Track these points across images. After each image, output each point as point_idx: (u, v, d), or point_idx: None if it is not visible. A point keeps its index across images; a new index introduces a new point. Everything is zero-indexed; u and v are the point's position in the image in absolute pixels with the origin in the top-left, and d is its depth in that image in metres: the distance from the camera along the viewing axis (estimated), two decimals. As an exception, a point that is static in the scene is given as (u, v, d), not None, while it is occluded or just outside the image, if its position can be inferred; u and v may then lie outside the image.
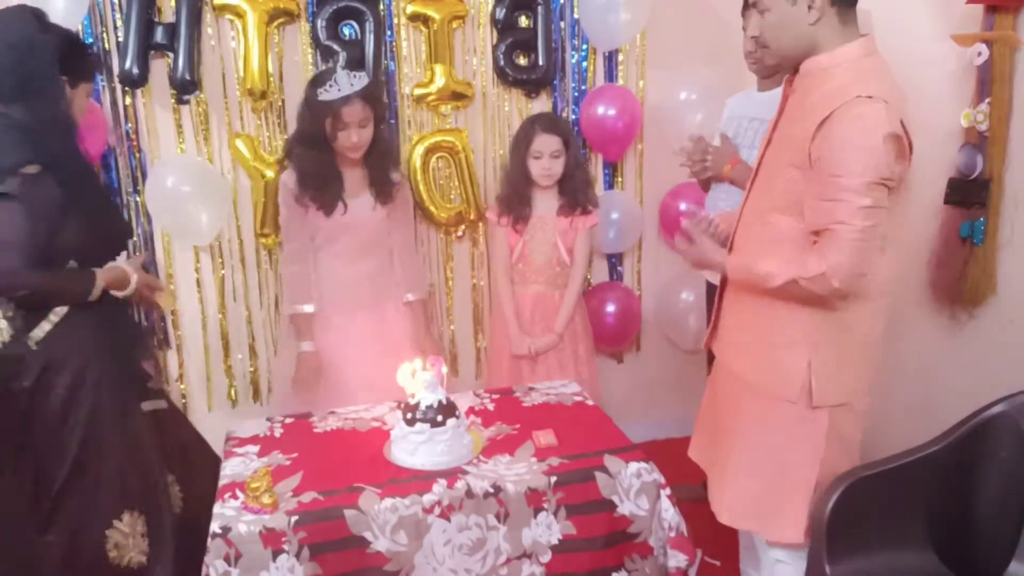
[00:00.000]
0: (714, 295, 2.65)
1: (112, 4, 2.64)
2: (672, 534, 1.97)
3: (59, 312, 1.87)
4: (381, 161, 2.42)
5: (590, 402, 2.38)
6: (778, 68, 1.80)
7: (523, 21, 2.98)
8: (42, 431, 1.88)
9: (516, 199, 2.72)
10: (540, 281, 2.77)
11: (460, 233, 3.11)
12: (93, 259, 1.93)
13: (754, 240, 1.82)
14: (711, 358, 2.12)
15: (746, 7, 2.42)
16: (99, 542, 1.95)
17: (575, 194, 2.70)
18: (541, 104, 3.07)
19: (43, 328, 1.86)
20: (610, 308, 3.18)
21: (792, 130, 1.71)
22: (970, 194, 2.12)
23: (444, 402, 2.01)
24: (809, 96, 1.68)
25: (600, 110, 2.96)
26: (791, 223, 1.71)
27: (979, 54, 2.04)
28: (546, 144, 2.64)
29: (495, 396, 2.44)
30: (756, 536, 1.99)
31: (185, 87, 2.71)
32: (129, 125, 2.76)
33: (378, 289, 2.57)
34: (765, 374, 1.79)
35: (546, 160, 2.65)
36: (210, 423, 2.29)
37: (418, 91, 2.92)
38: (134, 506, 1.97)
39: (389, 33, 2.86)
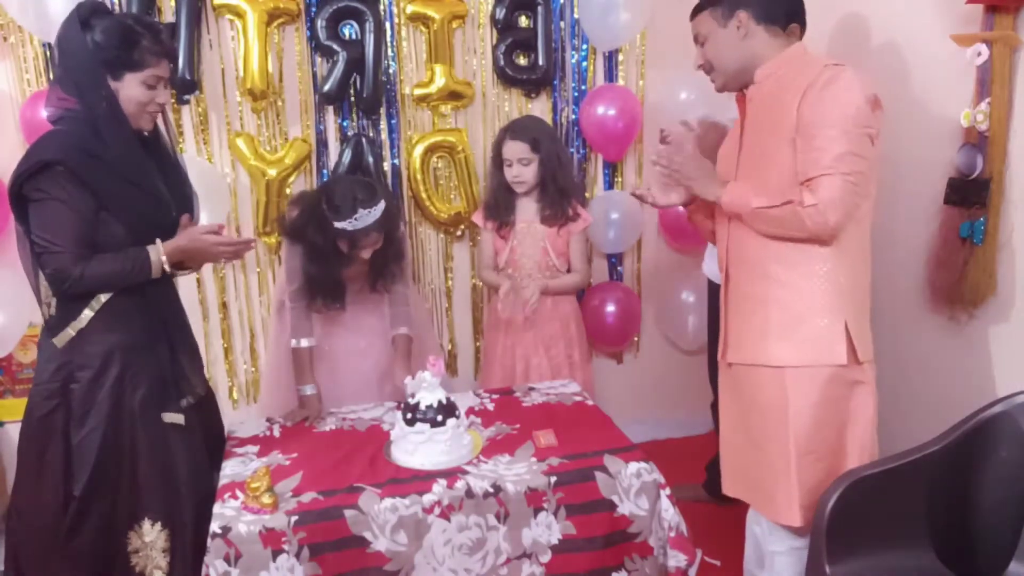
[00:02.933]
0: (715, 296, 2.65)
1: (111, 4, 2.63)
2: (672, 534, 1.97)
3: (94, 307, 1.86)
4: (384, 256, 2.39)
5: (590, 402, 2.38)
6: (724, 87, 1.96)
7: (523, 21, 2.98)
8: (66, 429, 1.89)
9: (498, 206, 2.71)
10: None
11: (460, 233, 3.12)
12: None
13: (753, 233, 1.84)
14: (713, 372, 2.11)
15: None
16: (123, 548, 1.94)
17: (553, 204, 2.66)
18: (541, 104, 3.07)
19: (77, 325, 1.87)
20: (610, 308, 3.18)
21: (770, 119, 1.81)
22: (970, 194, 2.11)
23: (444, 402, 2.01)
24: (772, 92, 1.82)
25: (600, 110, 2.96)
26: None
27: (979, 54, 2.04)
28: (513, 151, 2.62)
29: (495, 396, 2.44)
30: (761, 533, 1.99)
31: (185, 87, 2.72)
32: (129, 125, 2.76)
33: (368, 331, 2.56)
34: (810, 348, 1.80)
35: (515, 167, 2.63)
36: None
37: (418, 91, 2.92)
38: (156, 517, 1.94)
39: (389, 33, 2.86)
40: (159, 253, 1.87)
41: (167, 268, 1.89)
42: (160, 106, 1.91)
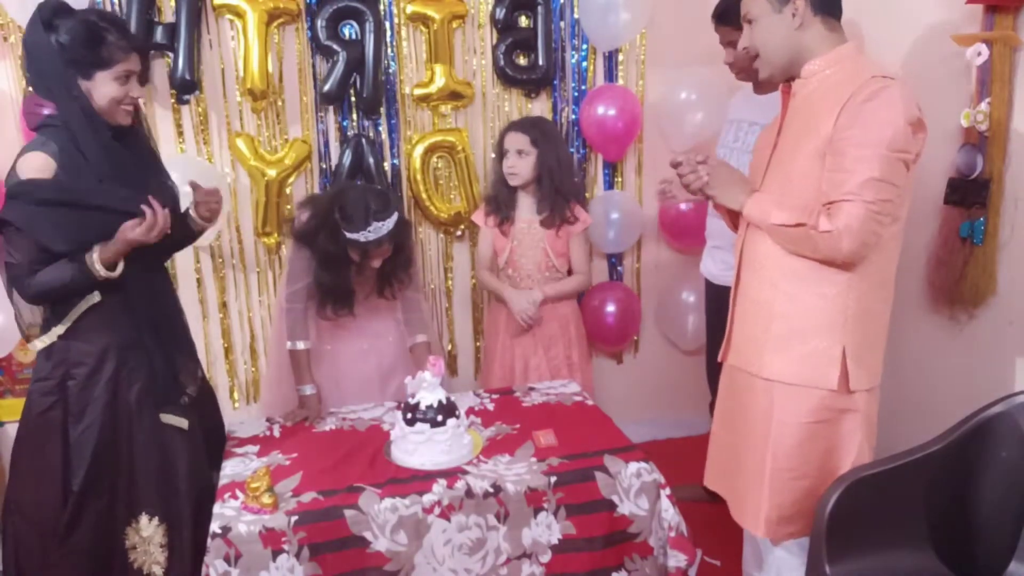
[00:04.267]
0: (714, 297, 2.65)
1: (112, 4, 2.64)
2: (672, 534, 1.97)
3: (81, 308, 1.87)
4: (393, 263, 2.38)
5: (590, 402, 2.38)
6: (770, 78, 1.84)
7: (523, 21, 2.98)
8: (64, 425, 1.90)
9: (498, 200, 2.71)
10: (531, 287, 2.75)
11: (460, 233, 3.12)
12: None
13: (767, 241, 1.81)
14: (712, 373, 2.10)
15: (721, 23, 2.44)
16: (121, 544, 1.94)
17: (551, 205, 2.66)
18: (541, 104, 3.07)
19: (57, 331, 1.89)
20: (610, 308, 3.18)
21: (807, 124, 1.72)
22: (970, 194, 2.12)
23: (444, 402, 2.01)
24: (815, 93, 1.72)
25: (600, 110, 2.96)
26: None
27: (979, 54, 2.04)
28: (512, 141, 2.62)
29: (495, 396, 2.44)
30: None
31: (185, 87, 2.72)
32: (129, 125, 2.76)
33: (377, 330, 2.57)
34: (802, 367, 1.76)
35: (511, 157, 2.63)
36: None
37: (418, 91, 2.92)
38: (153, 513, 1.95)
39: (389, 33, 2.86)
40: (93, 259, 1.82)
41: (102, 272, 1.82)
42: (135, 100, 1.90)
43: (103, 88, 1.83)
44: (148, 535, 1.95)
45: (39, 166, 1.79)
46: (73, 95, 1.80)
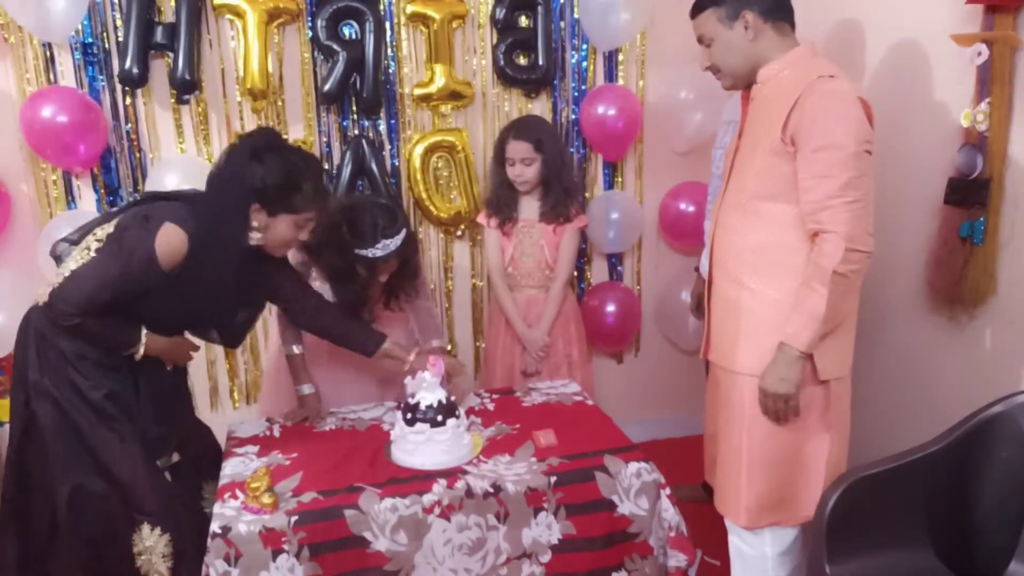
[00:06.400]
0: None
1: (112, 4, 2.64)
2: (672, 534, 1.97)
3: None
4: (400, 276, 2.37)
5: (590, 402, 2.38)
6: (733, 87, 1.93)
7: (523, 21, 2.98)
8: (60, 427, 1.90)
9: (500, 203, 2.72)
10: (531, 285, 2.76)
11: (460, 232, 3.12)
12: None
13: (735, 232, 1.86)
14: (708, 369, 2.13)
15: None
16: (128, 549, 1.93)
17: (555, 203, 2.68)
18: (541, 104, 3.07)
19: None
20: (610, 308, 3.18)
21: (761, 125, 1.79)
22: (970, 194, 2.11)
23: (444, 402, 2.01)
24: (771, 95, 1.79)
25: (600, 110, 2.96)
26: (780, 208, 1.77)
27: (979, 54, 2.04)
28: (516, 151, 2.63)
29: (495, 396, 2.44)
30: (744, 537, 1.99)
31: (185, 87, 2.71)
32: (129, 125, 2.76)
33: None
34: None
35: (518, 167, 2.64)
36: (211, 423, 2.31)
37: (418, 91, 2.92)
38: (155, 523, 1.94)
39: (389, 33, 2.86)
40: (141, 343, 1.91)
41: (139, 354, 1.92)
42: (300, 242, 1.99)
43: (281, 229, 1.91)
44: (151, 544, 1.94)
45: (173, 243, 1.81)
46: (241, 223, 1.85)
